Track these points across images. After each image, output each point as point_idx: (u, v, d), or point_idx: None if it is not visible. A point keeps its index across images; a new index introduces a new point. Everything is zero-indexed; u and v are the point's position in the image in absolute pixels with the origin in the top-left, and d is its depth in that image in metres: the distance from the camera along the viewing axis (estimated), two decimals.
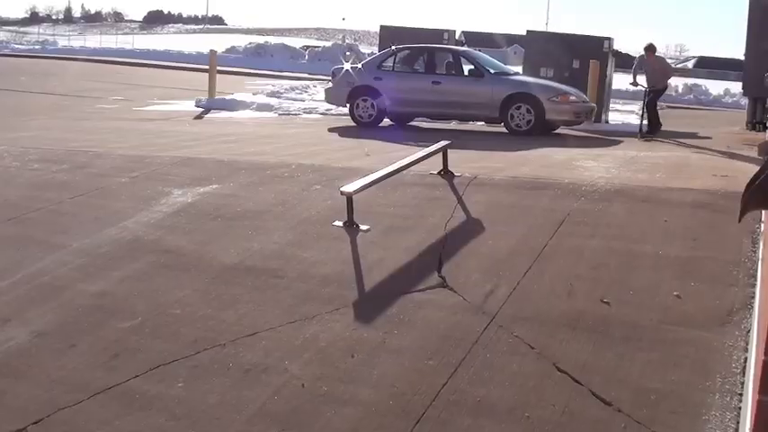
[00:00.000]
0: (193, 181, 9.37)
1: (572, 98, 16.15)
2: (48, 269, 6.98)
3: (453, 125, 17.97)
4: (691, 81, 36.58)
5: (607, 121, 19.85)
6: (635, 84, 17.45)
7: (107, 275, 6.78)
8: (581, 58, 19.26)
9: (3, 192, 9.29)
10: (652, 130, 16.65)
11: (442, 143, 9.41)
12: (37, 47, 62.10)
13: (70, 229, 7.98)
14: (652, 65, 17.11)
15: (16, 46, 62.81)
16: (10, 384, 5.27)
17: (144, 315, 6.03)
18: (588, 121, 16.84)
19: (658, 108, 17.65)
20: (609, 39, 19.59)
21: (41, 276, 6.84)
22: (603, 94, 19.29)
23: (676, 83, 35.51)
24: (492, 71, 16.90)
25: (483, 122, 17.64)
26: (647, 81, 16.99)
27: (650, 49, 17.13)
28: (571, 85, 17.13)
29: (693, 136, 17.09)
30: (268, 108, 21.71)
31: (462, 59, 17.52)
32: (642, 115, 17.17)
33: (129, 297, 6.38)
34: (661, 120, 17.36)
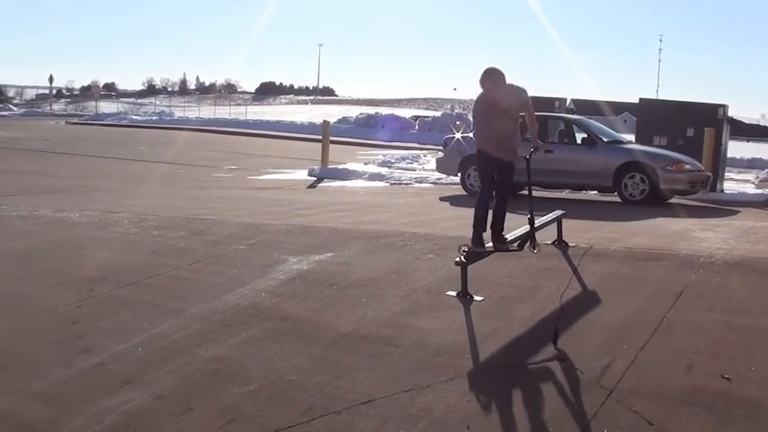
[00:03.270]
0: (309, 249, 9.50)
1: (687, 167, 15.85)
2: (165, 333, 7.15)
3: (565, 194, 17.81)
4: None
5: (722, 191, 19.34)
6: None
7: (223, 341, 6.90)
8: (695, 125, 18.80)
9: (123, 257, 9.58)
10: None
11: (557, 213, 9.34)
12: (154, 117, 64.88)
13: (188, 294, 8.17)
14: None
15: (134, 117, 65.69)
16: None
17: (260, 381, 6.10)
18: (703, 191, 16.41)
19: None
20: (724, 106, 19.16)
21: (160, 340, 7.01)
22: (719, 162, 18.83)
23: None
24: (605, 139, 16.68)
25: (595, 191, 17.44)
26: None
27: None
28: (685, 153, 16.78)
29: None
30: (379, 177, 21.90)
31: (575, 127, 17.39)
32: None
33: (244, 363, 6.46)
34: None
